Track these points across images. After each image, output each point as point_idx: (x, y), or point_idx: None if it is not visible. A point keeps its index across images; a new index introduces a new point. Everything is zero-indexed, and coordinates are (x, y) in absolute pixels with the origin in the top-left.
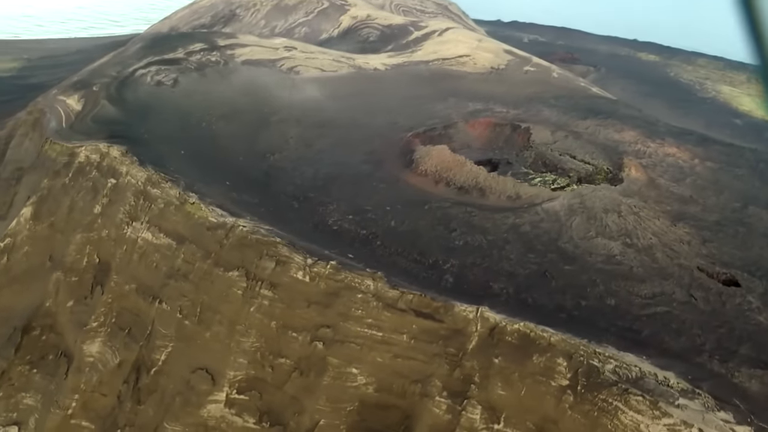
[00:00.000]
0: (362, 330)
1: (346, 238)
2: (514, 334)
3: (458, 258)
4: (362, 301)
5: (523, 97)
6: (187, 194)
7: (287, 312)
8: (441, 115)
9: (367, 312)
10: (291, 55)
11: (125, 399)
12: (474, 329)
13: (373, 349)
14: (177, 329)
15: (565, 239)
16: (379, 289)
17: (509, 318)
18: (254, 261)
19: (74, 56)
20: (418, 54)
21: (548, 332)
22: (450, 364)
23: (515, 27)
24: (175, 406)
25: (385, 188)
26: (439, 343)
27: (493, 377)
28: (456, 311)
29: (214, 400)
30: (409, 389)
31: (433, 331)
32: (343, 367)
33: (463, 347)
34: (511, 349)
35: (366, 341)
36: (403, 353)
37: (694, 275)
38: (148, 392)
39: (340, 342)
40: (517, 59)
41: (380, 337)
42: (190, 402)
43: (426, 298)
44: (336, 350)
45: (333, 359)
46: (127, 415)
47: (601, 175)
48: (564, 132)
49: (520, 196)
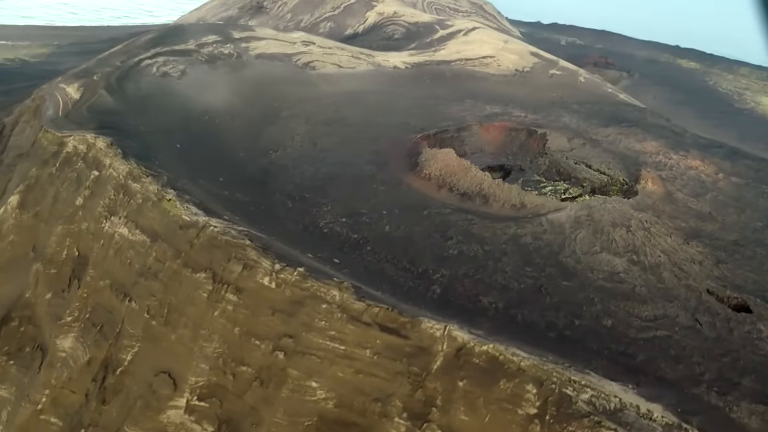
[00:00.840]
0: (324, 342)
1: (335, 241)
2: (482, 356)
3: (450, 268)
4: (326, 312)
5: (545, 102)
6: (165, 190)
7: (251, 318)
8: (456, 117)
9: (331, 324)
10: (308, 50)
11: (92, 398)
12: (440, 348)
13: (335, 363)
14: (144, 329)
15: (567, 253)
16: (345, 300)
17: (478, 338)
18: (222, 263)
19: (104, 44)
20: (441, 53)
21: (518, 356)
22: (412, 383)
23: (554, 29)
24: (136, 409)
25: (384, 191)
26: (403, 361)
27: (457, 401)
28: (422, 328)
29: (174, 406)
30: (369, 407)
31: (398, 348)
32: (303, 380)
33: (428, 367)
34: (477, 372)
35: (328, 354)
36: (366, 369)
37: (701, 298)
38: (113, 392)
39: (301, 353)
40: (543, 62)
41: (343, 350)
42: (151, 406)
43: (393, 312)
44: (296, 362)
45: (293, 371)
46: (92, 414)
47: (616, 187)
48: (582, 139)
49: (525, 205)
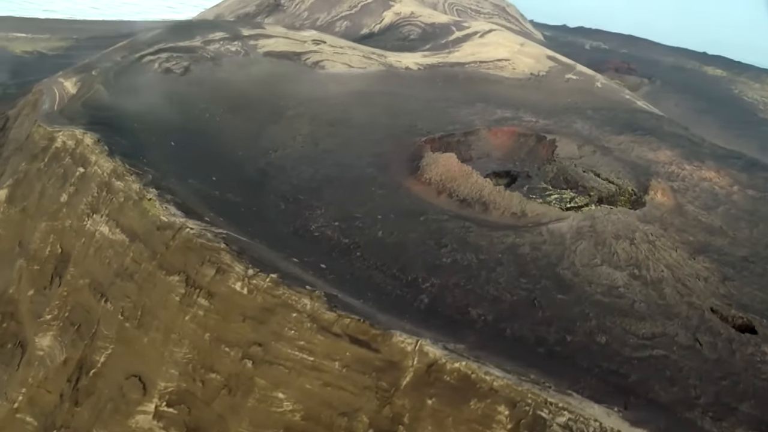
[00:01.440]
0: (293, 352)
1: (325, 245)
2: (454, 374)
3: (441, 277)
4: (296, 321)
5: (558, 107)
6: (146, 189)
7: (221, 324)
8: (464, 120)
9: (300, 333)
10: (319, 49)
11: (66, 399)
12: (410, 363)
13: (302, 374)
14: (118, 331)
15: (566, 265)
16: (315, 309)
17: (451, 355)
18: (196, 266)
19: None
20: (455, 55)
21: (492, 375)
22: (380, 399)
23: (580, 33)
24: (106, 412)
25: (382, 195)
26: (372, 375)
27: (424, 420)
28: (393, 341)
29: (143, 411)
30: (336, 422)
31: (368, 361)
32: (270, 390)
33: (397, 382)
34: (448, 390)
35: (296, 365)
36: (334, 382)
37: (704, 317)
38: (86, 394)
39: (269, 363)
40: (560, 66)
41: (311, 362)
42: (120, 410)
43: (364, 324)
44: (264, 371)
45: (260, 380)
46: (64, 415)
47: (624, 197)
48: (593, 147)
49: (525, 213)
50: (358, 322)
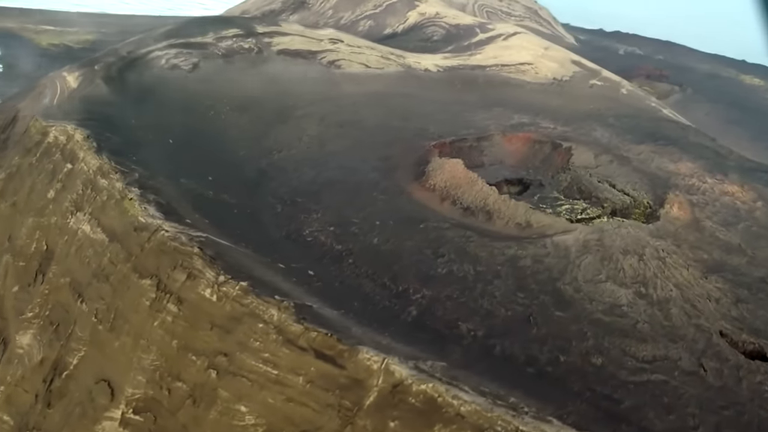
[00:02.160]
0: (257, 365)
1: (316, 251)
2: (420, 396)
3: (434, 288)
4: (262, 332)
5: (579, 113)
6: (128, 189)
7: (189, 332)
8: (479, 125)
9: (266, 345)
10: (336, 48)
11: (40, 399)
12: (375, 383)
13: (265, 388)
14: (91, 333)
15: (567, 280)
16: (283, 321)
17: (419, 375)
18: (168, 271)
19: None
20: (477, 58)
21: (460, 399)
22: (342, 418)
23: (616, 37)
24: (74, 416)
25: (383, 200)
26: (336, 393)
27: None
28: (359, 358)
29: (109, 417)
30: None
31: (332, 378)
32: (232, 403)
33: (360, 402)
34: (412, 413)
35: (259, 378)
36: (297, 397)
37: (712, 341)
38: (58, 396)
39: (232, 374)
40: (585, 71)
41: (275, 375)
42: (87, 415)
43: (331, 339)
44: (227, 383)
45: (223, 392)
46: (37, 417)
47: (639, 210)
48: (611, 156)
49: (530, 224)
50: (324, 336)
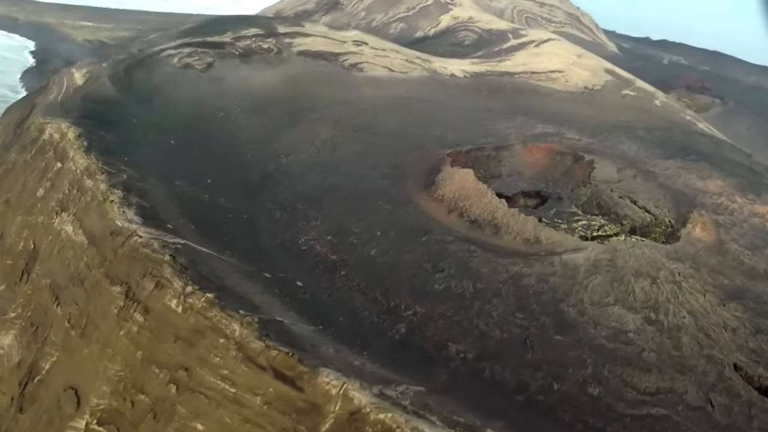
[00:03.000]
0: (216, 381)
1: (310, 261)
2: (378, 426)
3: (427, 305)
4: (223, 348)
5: (607, 124)
6: (111, 191)
7: (154, 343)
8: (500, 134)
9: (225, 362)
10: (359, 50)
11: (14, 403)
12: (332, 409)
13: (222, 406)
14: (64, 338)
15: (572, 301)
16: (244, 337)
17: (380, 403)
18: (137, 278)
19: None
20: (506, 64)
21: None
22: None
23: (661, 46)
24: (41, 424)
25: (388, 210)
26: (293, 417)
27: None
28: (318, 382)
29: (74, 427)
30: None
31: (290, 400)
32: (189, 420)
33: (316, 428)
34: None
35: (217, 395)
36: (254, 418)
37: (724, 374)
38: (30, 401)
39: (191, 390)
40: (617, 81)
41: (233, 394)
42: (54, 423)
43: (291, 359)
44: (186, 399)
45: (181, 408)
46: (9, 420)
47: (659, 229)
48: (635, 170)
49: (539, 240)
50: (285, 355)
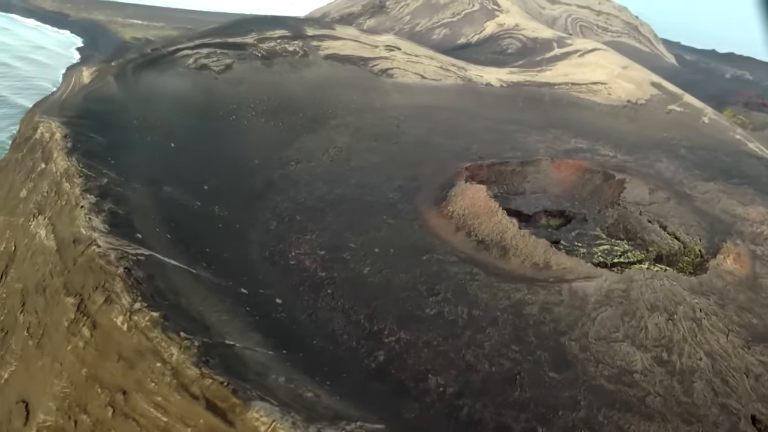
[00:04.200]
0: (148, 408)
1: (295, 277)
2: None
3: (413, 331)
4: (159, 373)
5: (648, 141)
6: (84, 195)
7: (98, 361)
8: (529, 148)
9: (159, 388)
10: (391, 55)
11: None
12: None
13: None
14: (23, 348)
15: (576, 335)
16: (180, 362)
17: None
18: (90, 291)
19: None
20: (546, 74)
21: None
22: None
23: (726, 59)
24: None
25: (392, 225)
26: None
27: None
28: (248, 417)
29: None
30: None
31: None
32: None
33: None
34: None
35: (148, 423)
36: None
37: (738, 427)
38: None
39: (125, 416)
40: (664, 95)
41: (164, 423)
42: None
43: (225, 389)
44: (120, 424)
45: None
46: None
47: (688, 258)
48: (669, 193)
49: (549, 265)
50: (219, 385)
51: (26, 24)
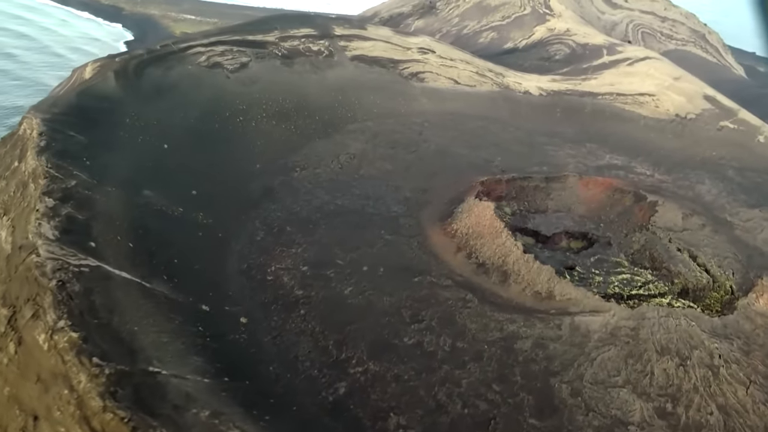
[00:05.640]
0: None
1: (269, 294)
2: None
3: (385, 363)
4: (66, 401)
5: (692, 160)
6: (42, 198)
7: (19, 381)
8: (558, 162)
9: (64, 417)
10: (423, 58)
11: None
12: None
13: None
14: None
15: (569, 377)
16: (86, 392)
17: None
18: (22, 303)
19: None
20: (590, 83)
21: None
22: None
23: None
24: None
25: (387, 241)
26: None
27: None
28: None
29: None
30: None
31: None
32: None
33: None
34: None
35: None
36: None
37: None
38: None
39: None
40: (717, 110)
41: None
42: None
43: (125, 425)
44: None
45: None
46: None
47: (717, 294)
48: (705, 219)
49: (552, 295)
50: (119, 420)
51: (81, 16)
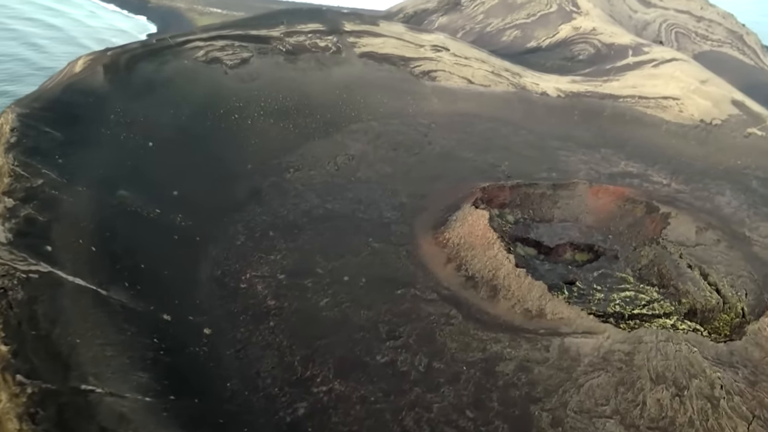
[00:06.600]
0: None
1: (239, 303)
2: None
3: (352, 382)
4: None
5: (715, 169)
6: (0, 198)
7: None
8: (568, 168)
9: None
10: (437, 56)
11: None
12: None
13: None
14: None
15: (551, 404)
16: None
17: None
18: None
19: None
20: (612, 85)
21: None
22: None
23: None
24: None
25: (374, 249)
26: None
27: None
28: None
29: None
30: None
31: None
32: None
33: None
34: None
35: None
36: None
37: None
38: None
39: None
40: (744, 115)
41: None
42: None
43: None
44: None
45: None
46: None
47: (727, 316)
48: (721, 233)
49: (543, 314)
50: None
51: (107, 8)
